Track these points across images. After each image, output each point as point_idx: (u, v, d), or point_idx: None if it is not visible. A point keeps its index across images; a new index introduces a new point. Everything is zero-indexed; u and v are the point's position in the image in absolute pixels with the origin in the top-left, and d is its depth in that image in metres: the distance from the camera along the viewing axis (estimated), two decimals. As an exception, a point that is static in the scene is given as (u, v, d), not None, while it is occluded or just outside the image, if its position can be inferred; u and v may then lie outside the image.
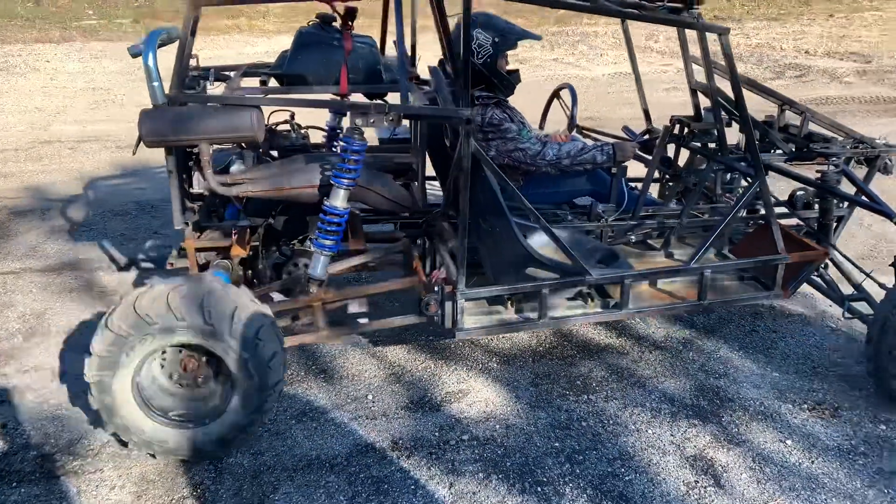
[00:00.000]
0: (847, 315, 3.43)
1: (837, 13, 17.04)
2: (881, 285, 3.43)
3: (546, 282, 3.00)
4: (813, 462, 2.86)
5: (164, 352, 2.70)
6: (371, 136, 3.29)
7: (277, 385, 2.75)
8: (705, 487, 2.72)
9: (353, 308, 3.29)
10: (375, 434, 2.99)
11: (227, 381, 2.72)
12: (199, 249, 3.19)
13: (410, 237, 3.58)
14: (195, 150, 2.92)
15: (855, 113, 8.74)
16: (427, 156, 3.54)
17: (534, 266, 2.99)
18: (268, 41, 12.60)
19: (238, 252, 3.13)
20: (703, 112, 3.62)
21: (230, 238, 3.17)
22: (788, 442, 2.98)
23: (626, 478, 2.76)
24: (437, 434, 2.99)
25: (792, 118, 3.82)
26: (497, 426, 3.05)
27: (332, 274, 3.13)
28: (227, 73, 3.41)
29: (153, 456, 2.77)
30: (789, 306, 4.02)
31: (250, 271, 3.34)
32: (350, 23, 3.22)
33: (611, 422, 3.08)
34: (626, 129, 4.09)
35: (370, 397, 3.23)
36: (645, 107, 4.20)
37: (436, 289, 2.97)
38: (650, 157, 3.74)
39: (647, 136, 4.06)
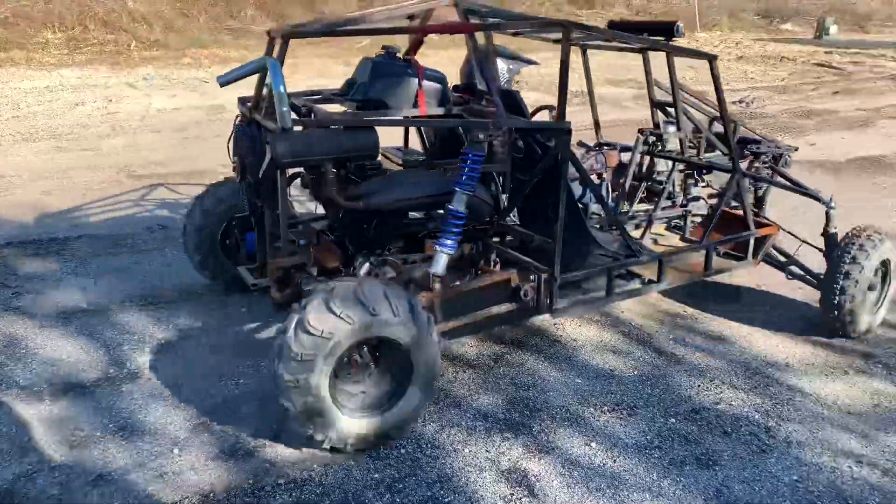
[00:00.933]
0: (789, 277, 4.27)
1: (614, 44, 18.75)
2: (819, 249, 4.22)
3: (615, 263, 3.61)
4: (615, 461, 3.06)
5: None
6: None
7: (440, 373, 3.09)
8: (520, 499, 2.81)
9: None
10: (184, 490, 2.80)
11: (395, 369, 2.96)
12: (278, 268, 3.32)
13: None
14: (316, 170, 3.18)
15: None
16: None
17: (601, 252, 3.62)
18: (49, 74, 11.60)
19: (328, 264, 3.40)
20: (661, 124, 4.38)
21: (301, 256, 3.35)
22: (593, 444, 3.16)
23: (446, 500, 2.79)
24: (251, 481, 2.85)
25: (717, 127, 4.57)
26: (315, 465, 2.96)
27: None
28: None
29: (344, 450, 2.94)
30: (586, 315, 4.30)
31: None
32: (415, 52, 3.63)
33: (429, 445, 3.11)
34: (580, 143, 4.59)
35: (176, 451, 3.02)
36: (596, 118, 4.86)
37: (531, 277, 3.41)
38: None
39: (600, 147, 4.64)
